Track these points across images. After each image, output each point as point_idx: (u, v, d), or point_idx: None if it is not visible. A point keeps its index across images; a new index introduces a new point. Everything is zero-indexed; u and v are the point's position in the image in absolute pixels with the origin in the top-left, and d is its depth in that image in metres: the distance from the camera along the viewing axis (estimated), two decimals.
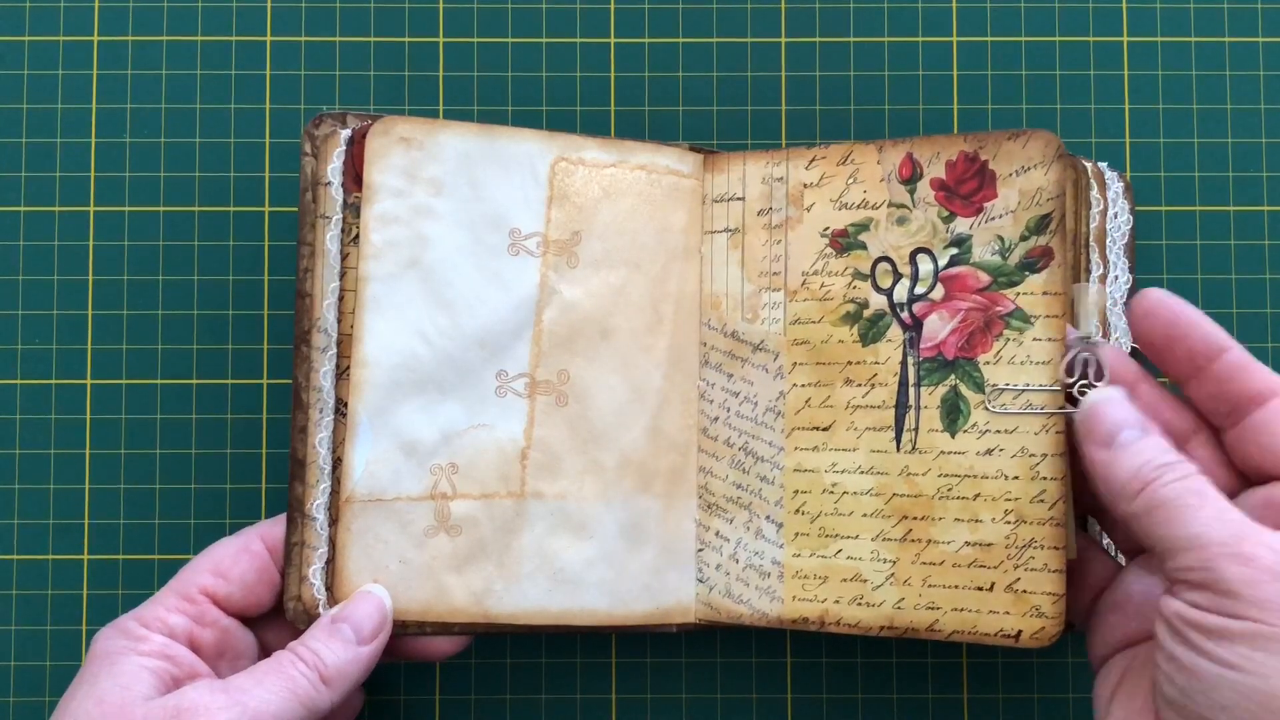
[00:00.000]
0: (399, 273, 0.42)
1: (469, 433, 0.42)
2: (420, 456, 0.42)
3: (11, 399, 0.48)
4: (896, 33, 0.49)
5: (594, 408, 0.43)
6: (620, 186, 0.44)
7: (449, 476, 0.42)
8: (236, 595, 0.41)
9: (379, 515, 0.42)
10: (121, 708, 0.37)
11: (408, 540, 0.42)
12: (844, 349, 0.43)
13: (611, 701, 0.48)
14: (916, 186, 0.42)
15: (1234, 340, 0.37)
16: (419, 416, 0.42)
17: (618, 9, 0.50)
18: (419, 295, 0.42)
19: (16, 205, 0.49)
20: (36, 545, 0.47)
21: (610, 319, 0.44)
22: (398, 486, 0.42)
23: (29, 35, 0.49)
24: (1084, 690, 0.48)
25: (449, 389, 0.42)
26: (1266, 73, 0.49)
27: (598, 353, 0.43)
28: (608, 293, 0.44)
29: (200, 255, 0.48)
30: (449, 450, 0.42)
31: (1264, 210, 0.49)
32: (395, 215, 0.42)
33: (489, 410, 0.43)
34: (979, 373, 0.41)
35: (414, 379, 0.42)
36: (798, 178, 0.44)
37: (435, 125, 0.42)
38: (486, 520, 0.42)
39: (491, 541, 0.42)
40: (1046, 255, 0.40)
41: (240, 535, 0.42)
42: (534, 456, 0.43)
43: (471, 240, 0.43)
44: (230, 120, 0.49)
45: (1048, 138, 0.40)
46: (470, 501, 0.42)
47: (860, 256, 0.43)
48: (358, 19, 0.49)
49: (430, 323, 0.42)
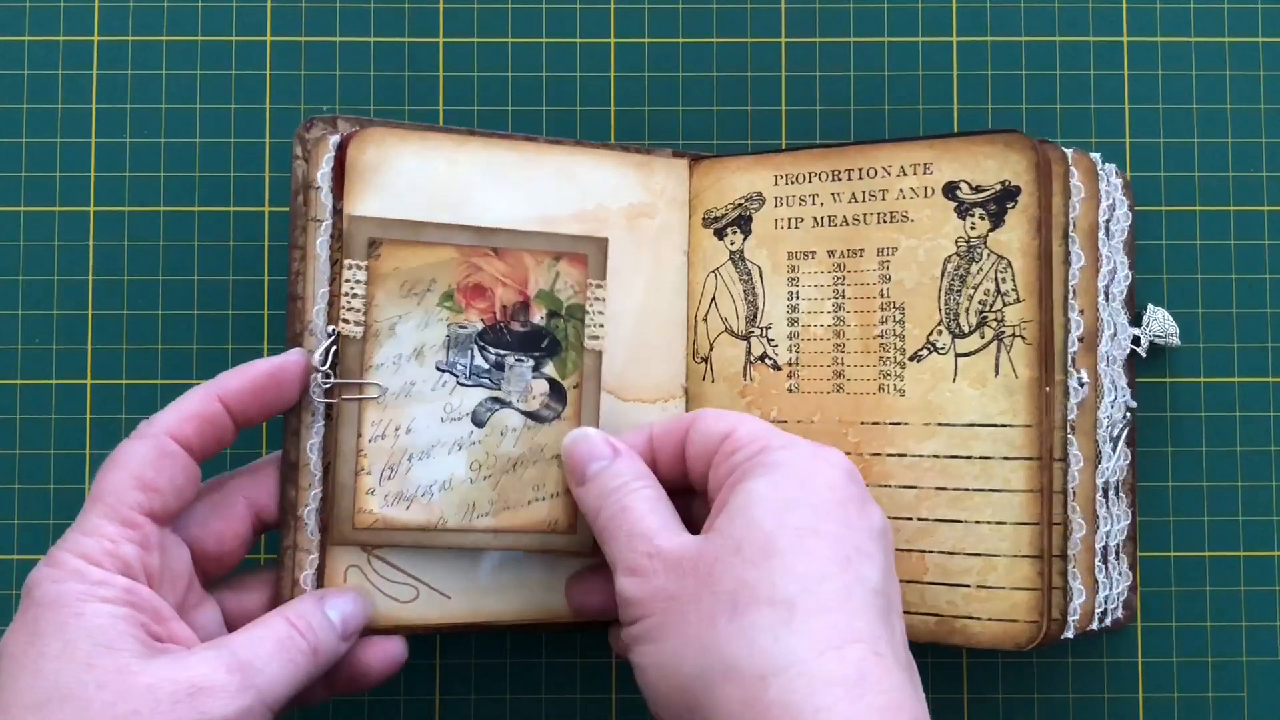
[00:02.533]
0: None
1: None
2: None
3: (11, 399, 0.48)
4: (896, 33, 0.49)
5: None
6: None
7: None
8: (172, 505, 0.37)
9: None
10: (119, 674, 0.33)
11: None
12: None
13: (611, 701, 0.48)
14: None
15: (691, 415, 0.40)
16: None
17: (618, 9, 0.50)
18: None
19: (16, 205, 0.49)
20: (36, 545, 0.47)
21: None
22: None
23: (29, 35, 0.49)
24: (1085, 690, 0.48)
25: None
26: (1266, 73, 0.49)
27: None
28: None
29: (200, 255, 0.48)
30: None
31: (1264, 210, 0.49)
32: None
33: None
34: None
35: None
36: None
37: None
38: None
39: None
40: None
41: (142, 435, 0.38)
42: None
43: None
44: (230, 120, 0.49)
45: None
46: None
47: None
48: (358, 19, 0.49)
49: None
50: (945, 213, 0.42)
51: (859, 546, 0.35)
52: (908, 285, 0.42)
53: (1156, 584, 0.48)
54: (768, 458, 0.37)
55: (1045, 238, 0.40)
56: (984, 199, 0.41)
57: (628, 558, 0.36)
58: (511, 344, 0.42)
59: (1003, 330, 0.41)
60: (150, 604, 0.36)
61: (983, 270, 0.41)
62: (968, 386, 0.41)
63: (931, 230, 0.42)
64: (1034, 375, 0.40)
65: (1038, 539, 0.40)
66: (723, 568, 0.34)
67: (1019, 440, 0.40)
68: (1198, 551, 0.48)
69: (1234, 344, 0.48)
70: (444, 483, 0.41)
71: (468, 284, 0.41)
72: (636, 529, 0.37)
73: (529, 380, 0.42)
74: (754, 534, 0.35)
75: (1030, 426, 0.40)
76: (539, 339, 0.42)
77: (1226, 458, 0.48)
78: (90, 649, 0.33)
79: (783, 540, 0.34)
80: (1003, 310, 0.41)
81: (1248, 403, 0.48)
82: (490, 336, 0.41)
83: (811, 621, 0.33)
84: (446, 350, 0.41)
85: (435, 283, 0.41)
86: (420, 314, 0.41)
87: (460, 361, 0.41)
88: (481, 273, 0.41)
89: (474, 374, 0.41)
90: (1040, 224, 0.40)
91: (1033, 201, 0.40)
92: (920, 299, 0.42)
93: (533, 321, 0.42)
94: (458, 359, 0.41)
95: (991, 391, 0.41)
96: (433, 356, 0.41)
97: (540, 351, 0.42)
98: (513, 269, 0.41)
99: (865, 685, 0.32)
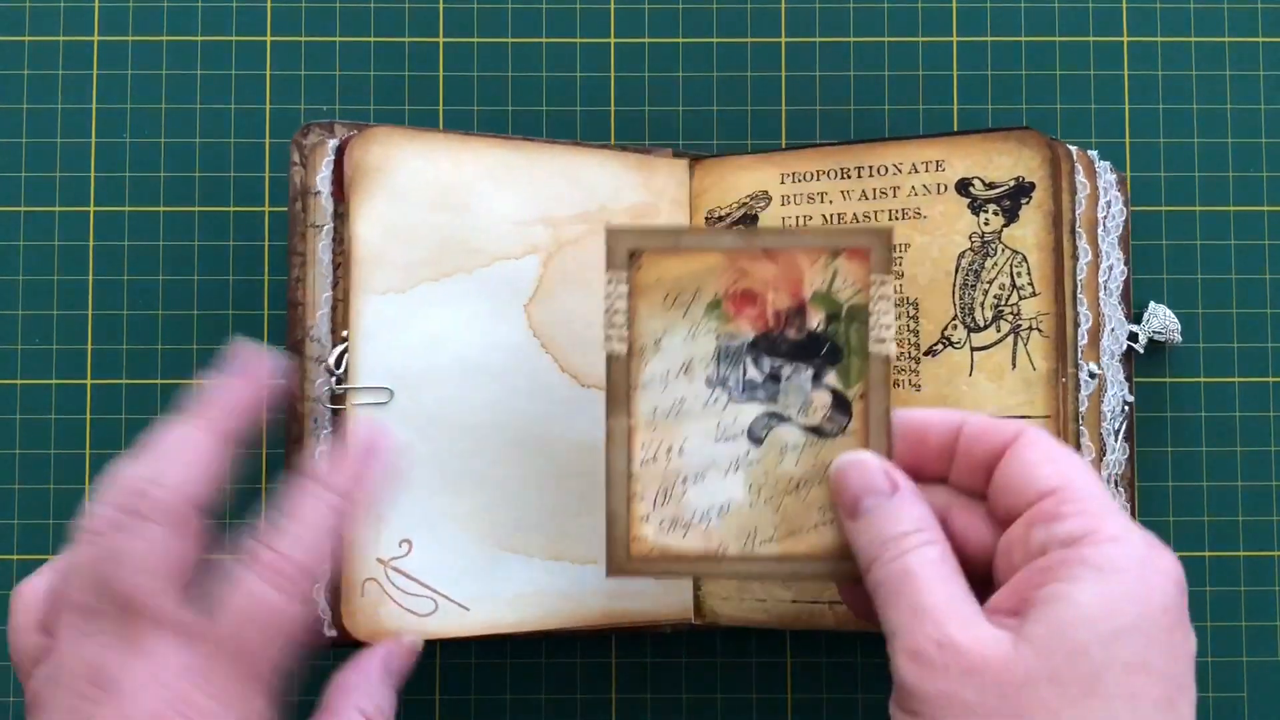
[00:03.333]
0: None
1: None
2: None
3: (11, 399, 0.48)
4: (896, 33, 0.49)
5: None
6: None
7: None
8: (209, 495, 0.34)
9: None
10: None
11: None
12: None
13: (611, 701, 0.48)
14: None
15: (966, 412, 0.36)
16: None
17: (618, 9, 0.50)
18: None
19: (16, 205, 0.48)
20: (36, 545, 0.47)
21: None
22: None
23: (29, 35, 0.49)
24: None
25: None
26: (1266, 73, 0.49)
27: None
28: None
29: (200, 255, 0.48)
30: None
31: (1264, 210, 0.49)
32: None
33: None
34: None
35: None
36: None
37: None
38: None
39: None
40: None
41: (176, 429, 0.34)
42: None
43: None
44: (230, 120, 0.49)
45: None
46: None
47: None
48: (358, 19, 0.49)
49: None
50: (959, 209, 0.42)
51: (1181, 683, 0.31)
52: (921, 281, 0.42)
53: None
54: (1097, 554, 0.31)
55: (1059, 232, 0.41)
56: (998, 195, 0.42)
57: (912, 638, 0.32)
58: (787, 353, 0.38)
59: (1019, 323, 0.41)
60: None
61: (997, 265, 0.42)
62: (985, 379, 0.42)
63: (945, 227, 0.42)
64: (1051, 367, 0.41)
65: None
66: (1033, 695, 0.30)
67: None
68: (1198, 551, 0.48)
69: (1234, 344, 0.48)
70: (722, 507, 0.37)
71: (736, 290, 0.37)
72: (923, 603, 0.32)
73: (809, 392, 0.38)
74: (1077, 665, 0.30)
75: (1048, 417, 0.41)
76: (818, 346, 0.38)
77: (1226, 457, 0.48)
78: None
79: (1109, 677, 0.30)
80: (1018, 304, 0.41)
81: (1248, 403, 0.48)
82: (764, 345, 0.38)
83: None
84: (717, 363, 0.38)
85: (701, 291, 0.37)
86: (686, 326, 0.37)
87: (732, 375, 0.38)
88: (751, 277, 0.37)
89: (747, 388, 0.38)
90: (1055, 219, 0.41)
91: (1047, 197, 0.41)
92: (934, 294, 0.42)
93: (809, 327, 0.38)
94: (729, 372, 0.38)
95: (1009, 384, 0.41)
96: (702, 370, 0.38)
97: (819, 359, 0.38)
98: (785, 270, 0.37)
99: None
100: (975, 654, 0.31)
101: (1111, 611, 0.30)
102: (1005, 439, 0.35)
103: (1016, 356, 0.41)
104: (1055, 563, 0.31)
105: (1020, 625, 0.31)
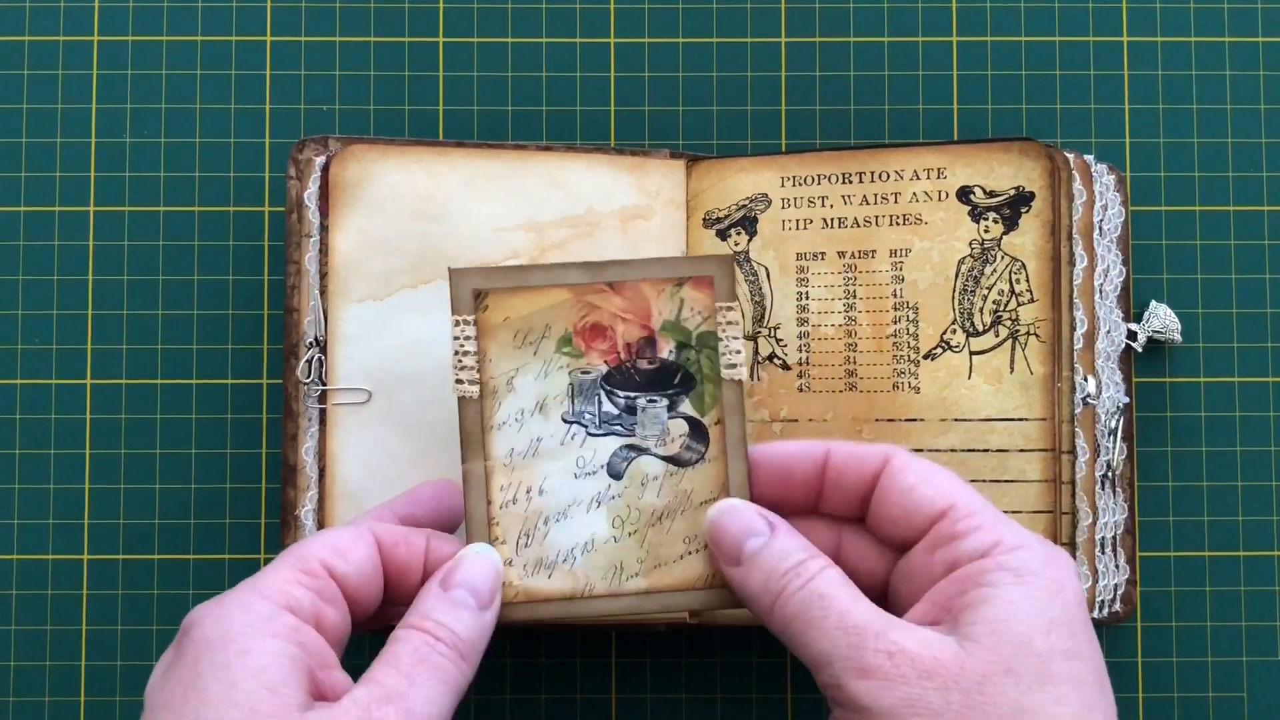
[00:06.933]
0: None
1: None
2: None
3: (11, 399, 0.48)
4: (896, 33, 0.49)
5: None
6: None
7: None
8: (353, 580, 0.35)
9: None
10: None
11: None
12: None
13: (611, 701, 0.48)
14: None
15: (828, 441, 0.36)
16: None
17: (618, 9, 0.50)
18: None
19: (16, 205, 0.49)
20: (36, 545, 0.47)
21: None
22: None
23: (29, 35, 0.49)
24: None
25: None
26: (1266, 73, 0.49)
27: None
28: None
29: (200, 255, 0.48)
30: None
31: (1264, 210, 0.49)
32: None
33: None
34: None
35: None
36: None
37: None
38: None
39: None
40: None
41: (352, 525, 0.37)
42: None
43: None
44: (230, 120, 0.49)
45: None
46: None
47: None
48: (358, 19, 0.49)
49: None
50: (959, 216, 0.43)
51: (1102, 667, 0.33)
52: (921, 286, 0.43)
53: (1156, 583, 0.48)
54: (1011, 560, 0.33)
55: (1057, 240, 0.42)
56: (998, 204, 0.43)
57: (857, 655, 0.32)
58: (641, 384, 0.38)
59: (1017, 329, 0.42)
60: (317, 648, 0.33)
61: (997, 271, 0.42)
62: (983, 383, 0.42)
63: (945, 233, 0.43)
64: (1048, 371, 0.42)
65: (1051, 526, 0.42)
66: (993, 689, 0.31)
67: (1034, 433, 0.42)
68: (1198, 551, 0.48)
69: (1234, 344, 0.48)
70: (586, 544, 0.37)
71: (585, 325, 0.37)
72: (853, 621, 0.32)
73: (665, 421, 0.38)
74: (1027, 657, 0.31)
75: (1045, 420, 0.42)
76: (670, 375, 0.38)
77: (1226, 457, 0.48)
78: (254, 691, 0.31)
79: (1054, 666, 0.32)
80: (1017, 310, 0.42)
81: (1248, 402, 0.48)
82: (617, 379, 0.38)
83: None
84: (571, 399, 0.37)
85: (550, 328, 0.37)
86: (539, 364, 0.37)
87: (588, 410, 0.37)
88: (599, 310, 0.37)
89: (604, 422, 0.38)
90: (1053, 227, 0.42)
91: (1046, 206, 0.42)
92: (934, 299, 0.43)
93: (661, 357, 0.38)
94: (584, 407, 0.38)
95: (1007, 387, 0.42)
96: (557, 408, 0.37)
97: (674, 389, 0.38)
98: (632, 302, 0.37)
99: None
100: (928, 657, 0.31)
101: (1039, 607, 0.32)
102: (874, 465, 0.35)
103: (1014, 361, 0.42)
104: (973, 572, 0.33)
105: (955, 628, 0.32)
